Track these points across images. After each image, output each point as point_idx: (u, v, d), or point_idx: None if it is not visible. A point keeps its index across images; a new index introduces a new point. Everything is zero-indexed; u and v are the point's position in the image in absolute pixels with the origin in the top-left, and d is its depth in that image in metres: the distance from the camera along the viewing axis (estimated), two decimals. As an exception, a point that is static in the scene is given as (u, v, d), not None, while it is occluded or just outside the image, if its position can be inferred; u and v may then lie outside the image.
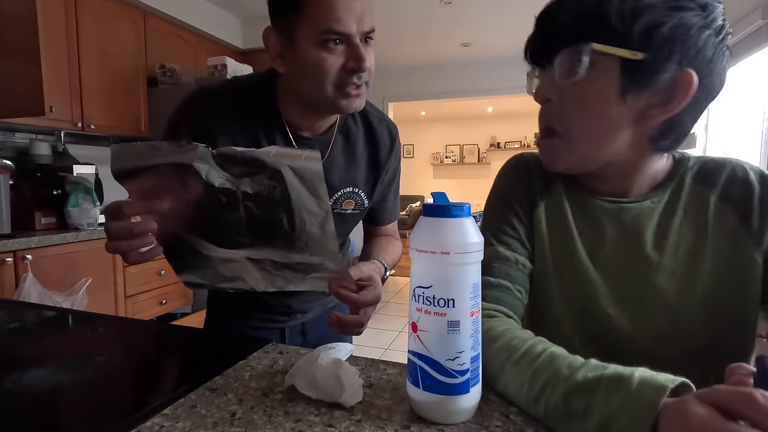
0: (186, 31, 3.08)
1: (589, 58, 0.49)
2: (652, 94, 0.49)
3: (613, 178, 0.59)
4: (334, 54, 0.66)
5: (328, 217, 0.56)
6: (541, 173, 0.64)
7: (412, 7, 3.27)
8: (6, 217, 1.92)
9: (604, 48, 0.48)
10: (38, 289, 1.83)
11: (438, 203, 0.42)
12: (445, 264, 0.40)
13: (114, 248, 0.57)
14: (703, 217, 0.56)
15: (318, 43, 0.65)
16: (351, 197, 0.85)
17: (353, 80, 0.68)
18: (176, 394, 0.47)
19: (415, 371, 0.43)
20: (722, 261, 0.55)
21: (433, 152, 8.50)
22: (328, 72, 0.66)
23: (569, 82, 0.51)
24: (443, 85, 4.85)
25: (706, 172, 0.58)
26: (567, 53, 0.50)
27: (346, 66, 0.67)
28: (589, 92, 0.51)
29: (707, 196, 0.57)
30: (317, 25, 0.64)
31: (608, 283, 0.58)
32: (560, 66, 0.51)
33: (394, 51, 4.27)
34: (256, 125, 0.76)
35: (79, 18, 2.35)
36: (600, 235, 0.59)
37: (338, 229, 0.89)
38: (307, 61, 0.67)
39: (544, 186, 0.64)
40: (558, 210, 0.62)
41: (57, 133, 2.49)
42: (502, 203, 0.65)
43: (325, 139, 0.81)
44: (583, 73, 0.50)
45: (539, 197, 0.63)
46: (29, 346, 0.69)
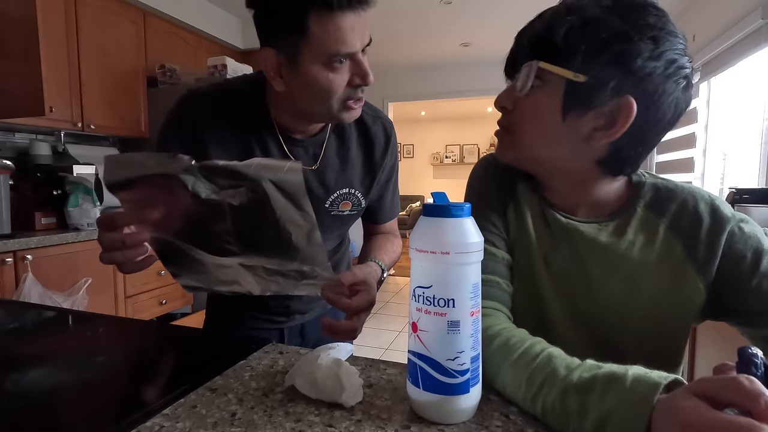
0: (186, 31, 3.08)
1: (537, 74, 0.53)
2: (597, 117, 0.52)
3: (562, 192, 0.62)
4: (340, 73, 0.65)
5: (314, 229, 0.56)
6: (507, 175, 0.67)
7: (412, 7, 3.27)
8: (6, 217, 1.92)
9: (549, 67, 0.52)
10: (38, 289, 1.83)
11: (438, 203, 0.42)
12: (445, 264, 0.40)
13: (108, 259, 0.58)
14: (651, 244, 0.58)
15: (325, 66, 0.64)
16: (347, 198, 0.84)
17: (358, 94, 0.69)
18: (176, 394, 0.47)
19: (415, 371, 0.43)
20: (663, 285, 0.57)
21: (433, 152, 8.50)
22: (336, 91, 0.66)
23: (522, 94, 0.55)
24: (443, 85, 4.85)
25: (659, 200, 0.60)
26: (524, 68, 0.54)
27: (352, 82, 0.67)
28: (535, 105, 0.55)
29: (657, 224, 0.58)
30: (325, 48, 0.62)
31: (558, 292, 0.60)
32: (518, 79, 0.55)
33: (394, 51, 4.27)
34: (246, 129, 0.75)
35: (79, 18, 2.35)
36: (554, 245, 0.61)
37: (336, 230, 0.89)
38: (313, 82, 0.66)
39: (510, 187, 0.66)
40: (521, 212, 0.64)
41: (57, 133, 2.49)
42: (479, 201, 0.66)
43: (318, 140, 0.80)
44: (529, 87, 0.54)
45: (508, 197, 0.66)
46: (29, 346, 0.69)
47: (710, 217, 0.57)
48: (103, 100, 2.51)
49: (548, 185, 0.63)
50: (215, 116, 0.74)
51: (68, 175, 2.16)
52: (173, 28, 2.98)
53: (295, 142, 0.78)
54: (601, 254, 0.58)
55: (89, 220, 2.16)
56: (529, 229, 0.62)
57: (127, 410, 0.46)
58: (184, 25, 3.04)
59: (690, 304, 0.57)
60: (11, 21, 2.04)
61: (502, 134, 0.62)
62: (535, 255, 0.61)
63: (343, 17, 0.61)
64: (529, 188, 0.65)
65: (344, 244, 0.99)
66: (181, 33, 3.05)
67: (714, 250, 0.55)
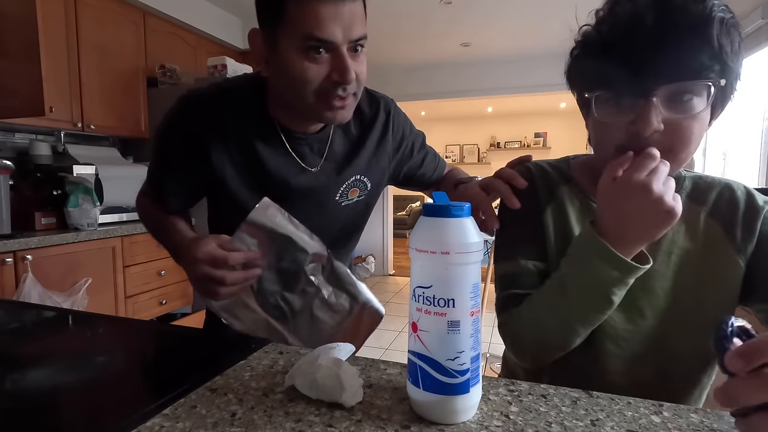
0: (186, 31, 3.08)
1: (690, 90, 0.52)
2: None
3: None
4: (317, 63, 0.62)
5: None
6: (544, 180, 0.69)
7: (412, 7, 3.27)
8: (6, 217, 1.92)
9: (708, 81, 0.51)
10: (38, 289, 1.83)
11: (438, 203, 0.42)
12: (445, 264, 0.40)
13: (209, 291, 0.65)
14: (694, 230, 0.62)
15: (300, 51, 0.61)
16: (355, 185, 0.84)
17: (337, 92, 0.64)
18: (176, 394, 0.47)
19: (415, 371, 0.43)
20: (708, 267, 0.61)
21: (433, 152, 8.49)
22: (310, 82, 0.63)
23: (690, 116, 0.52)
24: (443, 85, 4.85)
25: (699, 191, 0.64)
26: (692, 92, 0.52)
27: (330, 77, 0.63)
28: (699, 120, 0.53)
29: (698, 212, 0.63)
30: (299, 31, 0.60)
31: None
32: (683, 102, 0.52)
33: (394, 51, 4.27)
34: (248, 128, 0.75)
35: (79, 18, 2.35)
36: None
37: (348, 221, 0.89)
38: (288, 69, 0.63)
39: (548, 192, 0.68)
40: (562, 212, 0.66)
41: (57, 133, 2.49)
42: (514, 215, 0.68)
43: (322, 136, 0.79)
44: (703, 108, 0.52)
45: (545, 203, 0.67)
46: (29, 346, 0.69)
47: (746, 202, 0.62)
48: (103, 100, 2.51)
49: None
50: (216, 116, 0.74)
51: (68, 175, 2.16)
52: (173, 28, 2.98)
53: (299, 141, 0.77)
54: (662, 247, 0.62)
55: (89, 220, 2.16)
56: (572, 226, 0.65)
57: (127, 410, 0.46)
58: (184, 25, 3.04)
59: (731, 285, 0.60)
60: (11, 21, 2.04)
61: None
62: None
63: (322, 3, 0.59)
64: (572, 190, 0.68)
65: (354, 242, 0.97)
66: (181, 33, 3.04)
67: (751, 232, 0.60)
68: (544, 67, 4.41)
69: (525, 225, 0.67)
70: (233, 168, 0.76)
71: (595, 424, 0.42)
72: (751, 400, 0.33)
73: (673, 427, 0.42)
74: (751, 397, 0.32)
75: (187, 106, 0.75)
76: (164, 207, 0.83)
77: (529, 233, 0.66)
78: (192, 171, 0.77)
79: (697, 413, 0.44)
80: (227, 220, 0.85)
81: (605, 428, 0.41)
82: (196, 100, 0.75)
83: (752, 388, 0.32)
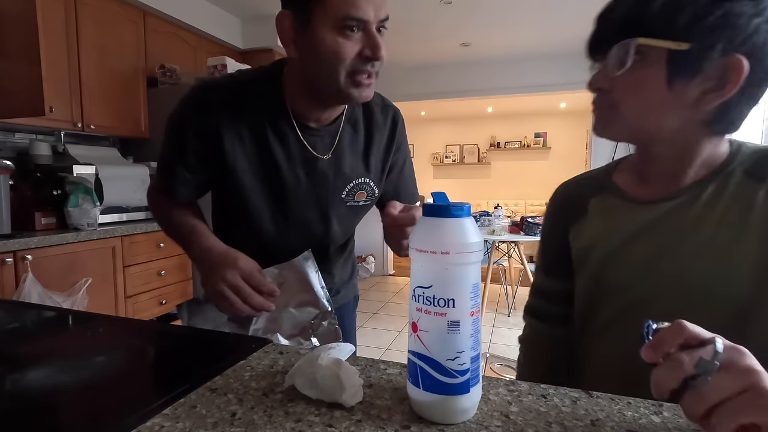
0: (186, 31, 3.08)
1: (636, 50, 0.54)
2: (705, 80, 0.53)
3: (666, 159, 0.61)
4: (350, 40, 0.66)
5: None
6: (574, 200, 0.72)
7: (412, 7, 3.27)
8: (6, 217, 1.92)
9: (650, 41, 0.52)
10: (38, 289, 1.83)
11: (438, 203, 0.42)
12: (445, 264, 0.40)
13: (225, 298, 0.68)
14: (747, 211, 0.56)
15: (336, 29, 0.65)
16: (362, 188, 0.85)
17: (367, 68, 0.68)
18: (176, 394, 0.47)
19: (415, 371, 0.43)
20: (763, 251, 0.54)
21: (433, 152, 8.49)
22: (345, 58, 0.66)
23: (619, 74, 0.56)
24: (443, 85, 4.85)
25: (761, 165, 0.58)
26: (617, 47, 0.55)
27: (362, 53, 0.67)
28: (637, 80, 0.55)
29: (756, 190, 0.56)
30: (337, 11, 0.64)
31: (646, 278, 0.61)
32: (611, 59, 0.56)
33: (394, 51, 4.26)
34: (261, 118, 0.76)
35: (79, 18, 2.35)
36: (636, 236, 0.62)
37: (350, 222, 0.90)
38: (322, 47, 0.66)
39: (577, 210, 0.70)
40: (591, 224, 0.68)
41: (57, 133, 2.49)
42: (545, 236, 0.77)
43: (332, 129, 0.80)
44: (629, 65, 0.54)
45: (571, 223, 0.71)
46: (29, 346, 0.69)
47: None
48: (103, 100, 2.51)
49: (651, 155, 0.63)
50: (229, 105, 0.75)
51: (68, 175, 2.16)
52: (173, 28, 2.98)
53: (311, 131, 0.78)
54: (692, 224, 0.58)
55: (89, 220, 2.16)
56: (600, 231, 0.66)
57: (127, 410, 0.46)
58: (184, 25, 3.04)
59: None
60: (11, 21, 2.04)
61: (603, 112, 0.62)
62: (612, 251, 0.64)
63: None
64: (605, 199, 0.68)
65: (352, 240, 0.98)
66: (181, 33, 3.04)
67: None
68: (544, 67, 4.41)
69: (552, 243, 0.74)
70: (244, 155, 0.77)
71: (595, 424, 0.42)
72: (671, 382, 0.36)
73: (673, 426, 0.42)
74: (669, 378, 0.36)
75: (201, 93, 0.76)
76: (174, 196, 0.83)
77: (554, 251, 0.73)
78: (203, 158, 0.77)
79: (697, 413, 0.44)
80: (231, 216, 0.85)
81: (605, 428, 0.41)
82: (211, 87, 0.77)
83: (667, 371, 0.36)
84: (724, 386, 0.34)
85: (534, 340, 0.79)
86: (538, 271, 0.78)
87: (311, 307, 0.78)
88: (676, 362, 0.36)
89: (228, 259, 0.70)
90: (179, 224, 0.81)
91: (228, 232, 0.83)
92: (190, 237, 0.77)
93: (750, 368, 0.34)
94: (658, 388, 0.37)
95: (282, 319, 0.77)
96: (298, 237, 0.83)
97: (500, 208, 4.03)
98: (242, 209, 0.80)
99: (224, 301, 0.68)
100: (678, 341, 0.37)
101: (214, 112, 0.74)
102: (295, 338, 0.77)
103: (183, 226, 0.80)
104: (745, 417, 0.32)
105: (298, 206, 0.81)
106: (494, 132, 8.16)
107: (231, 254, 0.71)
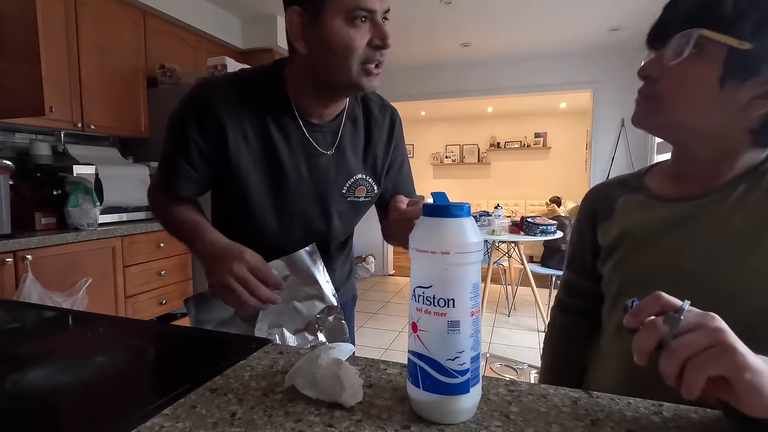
0: (186, 31, 3.08)
1: (696, 43, 0.52)
2: (757, 85, 0.52)
3: (703, 161, 0.60)
4: (360, 31, 0.69)
5: None
6: (604, 200, 0.72)
7: (412, 7, 3.27)
8: (6, 217, 1.91)
9: (713, 35, 0.51)
10: (38, 289, 1.83)
11: (438, 203, 0.42)
12: (445, 264, 0.40)
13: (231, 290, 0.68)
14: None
15: (346, 20, 0.68)
16: (362, 184, 0.86)
17: (377, 57, 0.71)
18: (176, 394, 0.47)
19: (415, 371, 0.43)
20: None
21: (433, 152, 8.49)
22: (357, 48, 0.69)
23: (674, 63, 0.54)
24: (443, 85, 4.85)
25: None
26: (679, 36, 0.54)
27: (371, 42, 0.70)
28: (690, 73, 0.54)
29: None
30: (347, 2, 0.67)
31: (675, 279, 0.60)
32: (670, 48, 0.55)
33: (394, 51, 4.26)
34: (265, 113, 0.77)
35: (79, 18, 2.35)
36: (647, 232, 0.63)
37: (350, 218, 0.90)
38: (335, 39, 0.69)
39: (606, 210, 0.71)
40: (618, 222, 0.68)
41: (57, 133, 2.49)
42: (575, 235, 0.79)
43: (334, 125, 0.82)
44: (686, 55, 0.53)
45: (601, 221, 0.72)
46: (29, 346, 0.69)
47: None
48: (103, 100, 2.51)
49: (691, 154, 0.62)
50: (232, 101, 0.76)
51: (68, 175, 2.16)
52: (173, 28, 2.98)
53: (314, 127, 0.80)
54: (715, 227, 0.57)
55: (89, 220, 2.16)
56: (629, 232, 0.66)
57: (127, 410, 0.46)
58: (184, 25, 3.04)
59: None
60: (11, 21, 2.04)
61: (646, 102, 0.60)
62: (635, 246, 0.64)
63: None
64: (633, 199, 0.68)
65: (351, 240, 0.98)
66: (181, 33, 3.04)
67: None
68: (544, 67, 4.41)
69: (580, 242, 0.76)
70: (248, 151, 0.77)
71: (595, 424, 0.42)
72: (648, 343, 0.39)
73: (672, 426, 0.42)
74: (646, 340, 0.39)
75: (204, 89, 0.77)
76: (176, 192, 0.83)
77: (582, 250, 0.75)
78: (205, 154, 0.78)
79: (697, 413, 0.44)
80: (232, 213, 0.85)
81: (605, 428, 0.41)
82: (213, 84, 0.78)
83: (644, 333, 0.40)
84: (693, 342, 0.37)
85: (557, 332, 0.82)
86: (567, 268, 0.81)
87: (317, 301, 0.78)
88: (651, 325, 0.40)
89: (234, 252, 0.70)
90: (182, 220, 0.81)
91: (229, 230, 0.84)
92: (194, 232, 0.77)
93: (718, 328, 0.37)
94: (638, 352, 0.40)
95: (288, 313, 0.76)
96: (299, 233, 0.84)
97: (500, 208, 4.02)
98: (244, 206, 0.80)
99: (231, 294, 0.68)
100: (655, 309, 0.41)
101: (217, 107, 0.75)
102: (301, 333, 0.77)
103: (185, 222, 0.80)
104: (713, 369, 0.36)
105: (300, 202, 0.82)
106: (494, 132, 8.16)
107: (236, 247, 0.71)
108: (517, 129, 8.00)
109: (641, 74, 0.60)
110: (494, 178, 8.22)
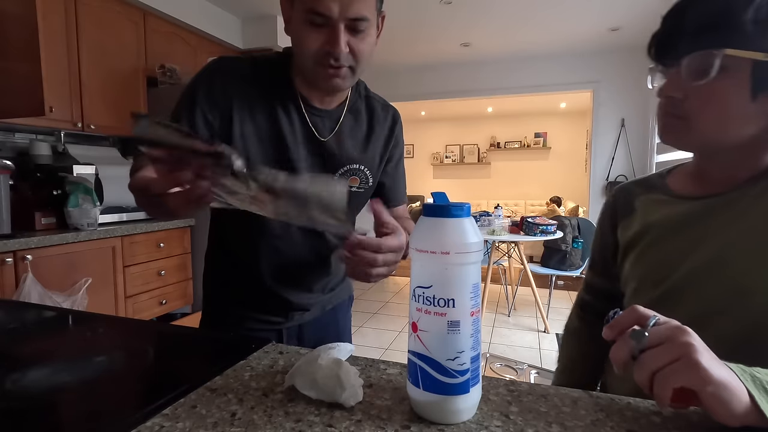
0: (186, 31, 3.08)
1: (720, 62, 0.51)
2: None
3: (730, 166, 0.60)
4: (315, 33, 0.70)
5: None
6: (624, 198, 0.73)
7: (412, 7, 3.27)
8: (6, 217, 1.92)
9: (738, 53, 0.50)
10: (38, 289, 1.83)
11: (438, 203, 0.42)
12: (445, 264, 0.40)
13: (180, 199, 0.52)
14: None
15: (305, 21, 0.70)
16: (356, 173, 0.87)
17: (329, 61, 0.72)
18: (176, 394, 0.47)
19: (415, 371, 0.43)
20: None
21: (433, 152, 8.49)
22: (308, 49, 0.71)
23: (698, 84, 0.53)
24: (443, 85, 4.85)
25: None
26: (697, 56, 0.52)
27: (323, 46, 0.71)
28: (716, 91, 0.53)
29: None
30: (304, 3, 0.69)
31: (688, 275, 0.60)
32: (689, 68, 0.53)
33: (393, 51, 4.27)
34: (273, 96, 0.80)
35: (79, 18, 2.35)
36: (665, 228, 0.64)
37: None
38: (294, 36, 0.73)
39: (626, 209, 0.72)
40: (636, 219, 0.69)
41: (57, 133, 2.49)
42: (597, 235, 0.80)
43: (335, 114, 0.84)
44: (713, 76, 0.52)
45: (620, 218, 0.73)
46: (29, 346, 0.69)
47: None
48: (103, 100, 2.50)
49: (718, 161, 0.61)
50: (244, 79, 0.78)
51: (68, 175, 2.16)
52: (173, 28, 2.98)
53: (316, 112, 0.82)
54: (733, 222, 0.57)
55: (89, 220, 2.16)
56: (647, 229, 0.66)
57: (127, 410, 0.46)
58: (184, 25, 3.04)
59: None
60: (11, 21, 2.04)
61: (670, 120, 0.59)
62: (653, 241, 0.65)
63: None
64: (652, 196, 0.69)
65: None
66: (181, 33, 3.04)
67: None
68: (544, 67, 4.41)
69: (601, 241, 0.77)
70: (253, 125, 0.78)
71: (595, 424, 0.42)
72: (622, 354, 0.41)
73: (673, 426, 0.42)
74: (620, 352, 0.41)
75: (218, 61, 0.80)
76: None
77: (603, 250, 0.77)
78: (209, 122, 0.78)
79: (697, 413, 0.44)
80: None
81: (605, 428, 0.41)
82: (228, 58, 0.81)
83: (618, 345, 0.42)
84: (660, 356, 0.39)
85: (576, 331, 0.83)
86: (589, 269, 0.83)
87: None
88: (625, 337, 0.42)
89: None
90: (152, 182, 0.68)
91: (227, 218, 0.84)
92: None
93: (686, 342, 0.39)
94: (615, 363, 0.42)
95: None
96: None
97: (500, 208, 4.02)
98: None
99: None
100: (631, 322, 0.43)
101: (227, 79, 0.78)
102: None
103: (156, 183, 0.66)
104: (676, 381, 0.38)
105: None
106: (494, 132, 8.16)
107: None
108: (517, 129, 8.00)
109: (662, 95, 0.59)
110: (494, 178, 8.22)
